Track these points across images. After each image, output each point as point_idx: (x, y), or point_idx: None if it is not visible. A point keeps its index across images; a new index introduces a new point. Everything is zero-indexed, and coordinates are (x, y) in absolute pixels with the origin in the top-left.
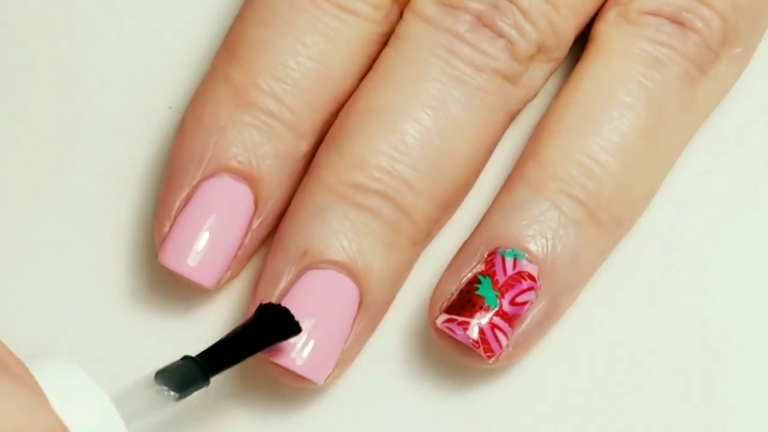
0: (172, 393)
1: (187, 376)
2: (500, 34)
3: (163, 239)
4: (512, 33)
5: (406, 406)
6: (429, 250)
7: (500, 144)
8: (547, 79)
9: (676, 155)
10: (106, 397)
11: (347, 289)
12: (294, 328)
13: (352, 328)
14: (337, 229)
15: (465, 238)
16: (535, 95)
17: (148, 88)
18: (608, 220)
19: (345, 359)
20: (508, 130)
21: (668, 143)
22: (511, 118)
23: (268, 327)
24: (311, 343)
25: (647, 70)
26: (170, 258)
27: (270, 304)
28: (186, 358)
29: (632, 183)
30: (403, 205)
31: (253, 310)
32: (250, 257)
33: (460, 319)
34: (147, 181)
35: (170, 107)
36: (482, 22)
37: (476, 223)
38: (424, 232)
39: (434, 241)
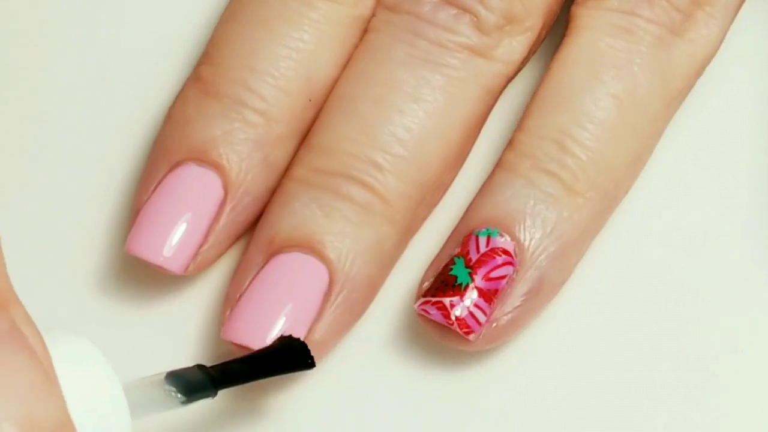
0: (179, 396)
1: (196, 383)
2: (464, 10)
3: (130, 229)
4: (476, 6)
5: (402, 396)
6: (433, 246)
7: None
8: (529, 52)
9: (659, 120)
10: (118, 383)
11: (313, 269)
12: (308, 362)
13: (324, 308)
14: (303, 213)
15: None
16: (517, 69)
17: (147, 88)
18: (588, 191)
19: (322, 342)
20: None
21: (645, 108)
22: (493, 93)
23: (284, 357)
24: (277, 323)
25: (614, 40)
26: (135, 246)
27: (290, 337)
28: (199, 366)
29: (610, 152)
30: (371, 185)
31: (228, 305)
32: (227, 244)
33: (434, 299)
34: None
35: None
36: (445, 0)
37: None
38: (401, 210)
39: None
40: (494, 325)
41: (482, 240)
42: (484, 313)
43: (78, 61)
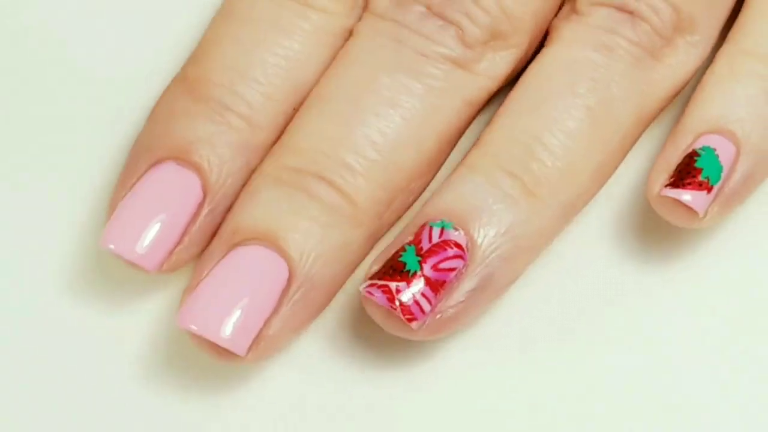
0: None
1: None
2: (450, 22)
3: (106, 224)
4: (462, 20)
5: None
6: None
7: None
8: (514, 68)
9: (628, 138)
10: None
11: (273, 264)
12: None
13: (280, 304)
14: (269, 209)
15: None
16: (499, 84)
17: (130, 84)
18: (549, 197)
19: (276, 337)
20: None
21: (616, 125)
22: (473, 106)
23: None
24: (233, 315)
25: (594, 54)
26: (110, 241)
27: None
28: None
29: (576, 162)
30: (341, 186)
31: (185, 298)
32: (202, 245)
33: (380, 283)
34: None
35: None
36: (432, 11)
37: None
38: (369, 214)
39: None
40: (438, 316)
41: (436, 231)
42: (430, 302)
43: (59, 56)
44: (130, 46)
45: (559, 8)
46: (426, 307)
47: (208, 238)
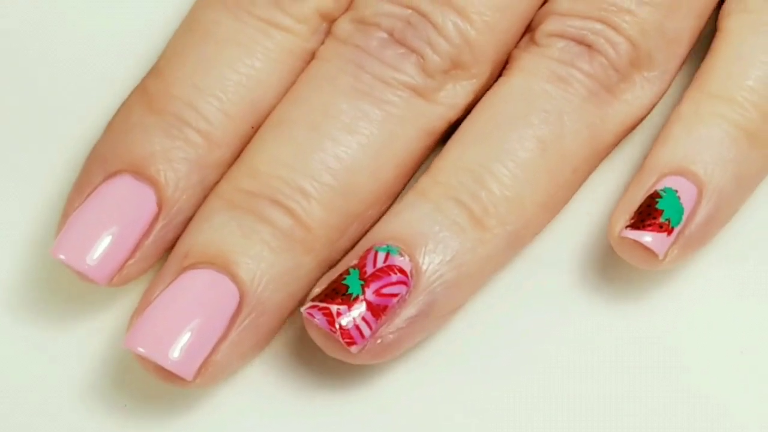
0: None
1: None
2: (412, 50)
3: (57, 234)
4: (424, 48)
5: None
6: None
7: None
8: (475, 98)
9: (579, 171)
10: None
11: (224, 288)
12: None
13: (230, 329)
14: (221, 231)
15: None
16: (459, 113)
17: (89, 95)
18: (496, 227)
19: (224, 363)
20: None
21: (568, 158)
22: (432, 135)
23: None
24: (181, 339)
25: (549, 85)
26: (61, 251)
27: None
28: None
29: (525, 193)
30: (295, 211)
31: (134, 319)
32: (154, 260)
33: (321, 305)
34: None
35: None
36: (394, 38)
37: None
38: (322, 239)
39: None
40: (379, 341)
41: (381, 255)
42: (370, 327)
43: (18, 63)
44: (85, 55)
45: (521, 38)
46: (366, 331)
47: (161, 252)
